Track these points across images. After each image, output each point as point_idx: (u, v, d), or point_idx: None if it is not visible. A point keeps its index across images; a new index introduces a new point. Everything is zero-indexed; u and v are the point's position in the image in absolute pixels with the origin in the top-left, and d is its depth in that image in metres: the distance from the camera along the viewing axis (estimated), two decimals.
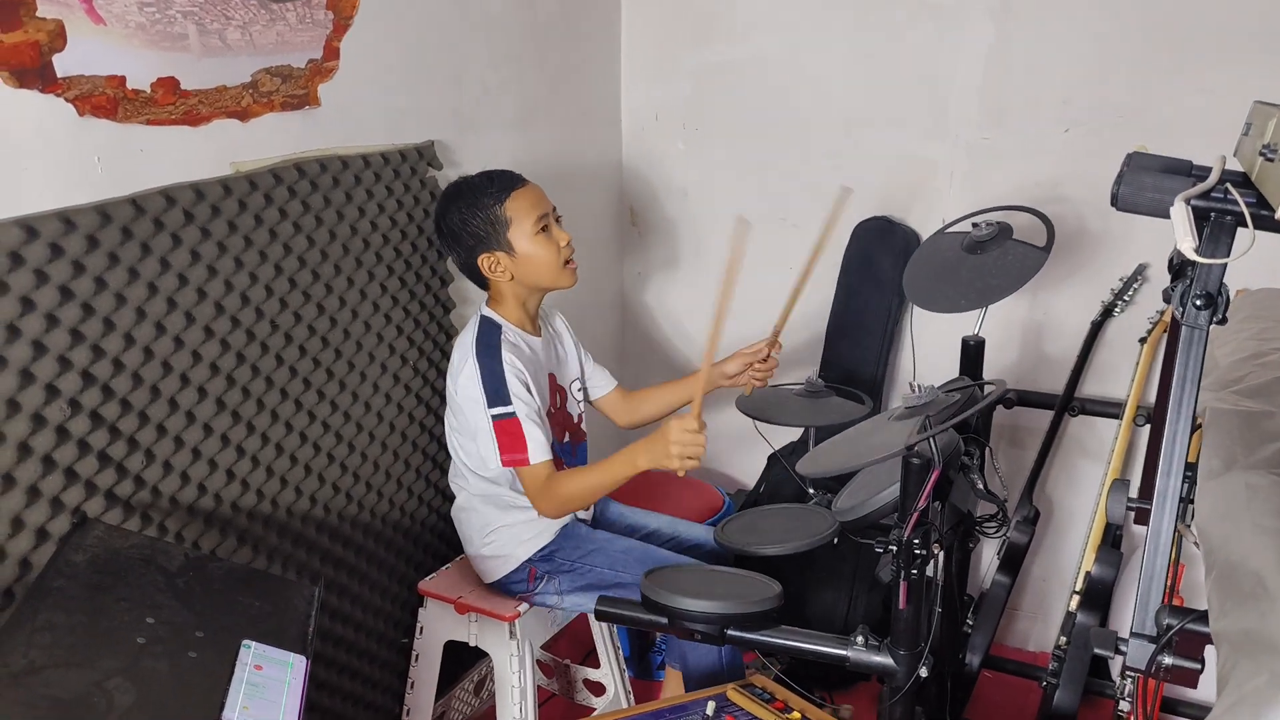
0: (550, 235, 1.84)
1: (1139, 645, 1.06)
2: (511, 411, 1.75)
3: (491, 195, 1.80)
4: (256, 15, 1.59)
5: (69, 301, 1.36)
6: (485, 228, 1.80)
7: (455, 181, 1.88)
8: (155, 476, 1.52)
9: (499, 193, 1.81)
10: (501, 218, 1.80)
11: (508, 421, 1.75)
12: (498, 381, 1.76)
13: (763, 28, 2.45)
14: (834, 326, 2.52)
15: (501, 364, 1.77)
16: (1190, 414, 1.04)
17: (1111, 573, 2.03)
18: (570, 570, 1.89)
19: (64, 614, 1.17)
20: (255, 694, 1.20)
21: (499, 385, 1.76)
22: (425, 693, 2.03)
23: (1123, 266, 2.22)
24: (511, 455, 1.76)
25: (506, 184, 1.82)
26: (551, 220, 1.86)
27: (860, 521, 1.67)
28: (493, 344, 1.79)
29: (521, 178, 1.85)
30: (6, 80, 1.26)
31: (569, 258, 1.87)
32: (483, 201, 1.80)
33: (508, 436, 1.75)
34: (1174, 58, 2.04)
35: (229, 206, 1.57)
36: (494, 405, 1.76)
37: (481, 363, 1.78)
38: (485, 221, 1.80)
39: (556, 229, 1.87)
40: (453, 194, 1.85)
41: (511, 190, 1.81)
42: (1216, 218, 1.01)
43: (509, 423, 1.75)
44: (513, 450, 1.76)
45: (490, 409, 1.76)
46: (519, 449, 1.75)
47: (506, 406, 1.75)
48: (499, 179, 1.83)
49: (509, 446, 1.76)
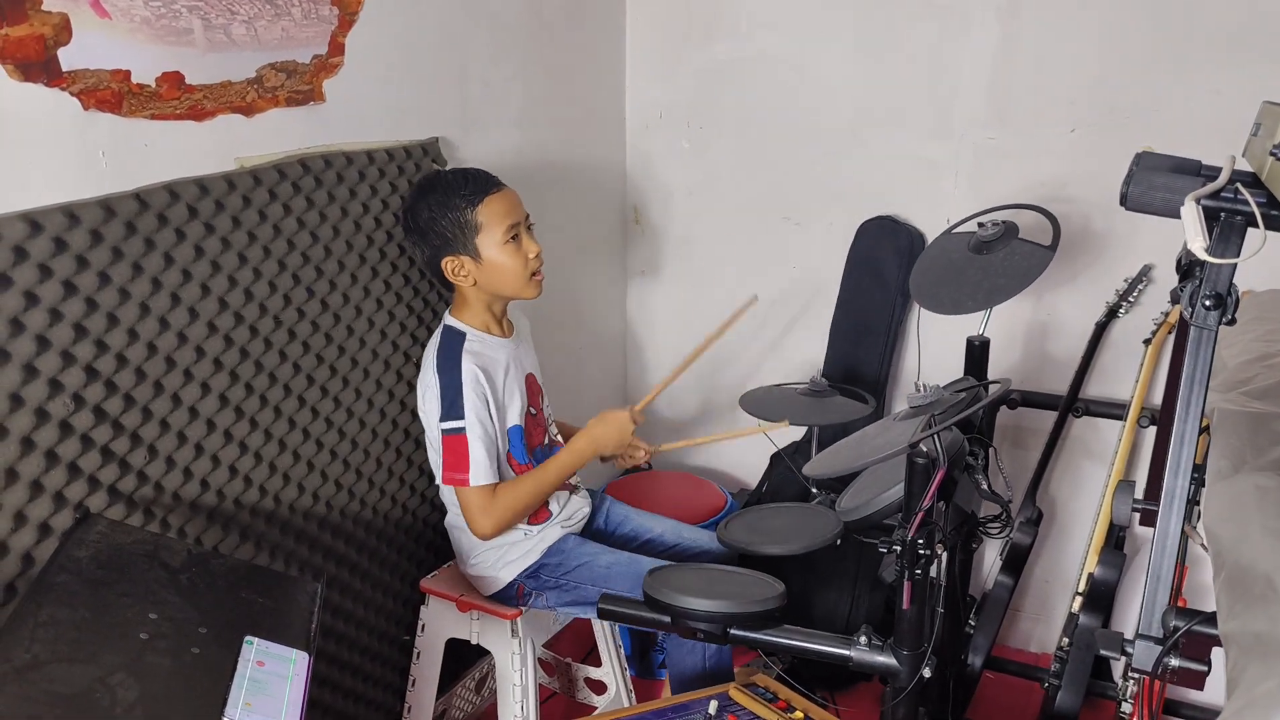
0: (519, 245, 1.78)
1: (1145, 647, 1.06)
2: (461, 428, 1.72)
3: (464, 197, 1.74)
4: (262, 10, 1.59)
5: (72, 296, 1.35)
6: (454, 230, 1.74)
7: (429, 175, 1.82)
8: (158, 472, 1.52)
9: (472, 195, 1.74)
10: (472, 222, 1.74)
11: (456, 438, 1.72)
12: (454, 394, 1.73)
13: (768, 26, 2.45)
14: (837, 326, 2.52)
15: (460, 376, 1.73)
16: (1199, 415, 1.04)
17: (1114, 574, 2.02)
18: (556, 587, 1.87)
19: (67, 609, 1.17)
20: (258, 690, 1.19)
21: (455, 398, 1.72)
22: (426, 690, 2.03)
23: (1127, 267, 2.21)
24: (452, 474, 1.74)
25: (481, 187, 1.76)
26: (523, 229, 1.80)
27: (864, 521, 1.67)
28: (453, 355, 1.75)
29: (497, 181, 1.79)
30: (11, 73, 1.26)
31: (536, 269, 1.81)
32: (454, 202, 1.74)
33: (453, 455, 1.73)
34: (1181, 58, 2.04)
35: (233, 202, 1.57)
36: (445, 419, 1.73)
37: (440, 376, 1.75)
38: (454, 224, 1.74)
39: (527, 238, 1.80)
40: (425, 188, 1.78)
41: (486, 194, 1.75)
42: (1227, 218, 1.00)
43: (457, 439, 1.72)
44: (455, 469, 1.73)
45: (441, 422, 1.73)
46: (461, 468, 1.73)
47: (458, 421, 1.72)
48: (474, 180, 1.76)
49: (452, 464, 1.73)
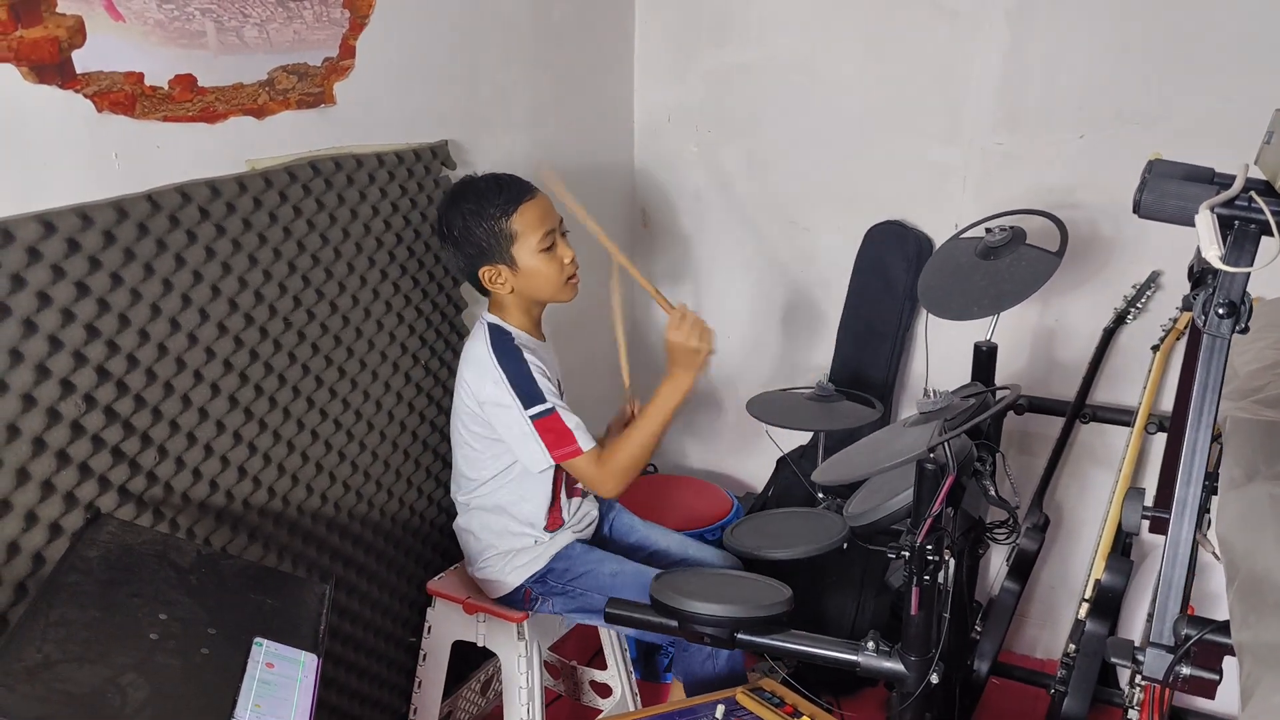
0: (555, 252, 1.78)
1: (1156, 655, 1.06)
2: (550, 408, 1.72)
3: (498, 206, 1.73)
4: (274, 13, 1.59)
5: (85, 297, 1.36)
6: (489, 239, 1.74)
7: (462, 182, 1.80)
8: (168, 473, 1.52)
9: (507, 204, 1.73)
10: (507, 231, 1.73)
11: (549, 419, 1.72)
12: (527, 382, 1.73)
13: (777, 30, 2.45)
14: (845, 330, 2.51)
15: (526, 364, 1.74)
16: (1211, 423, 1.04)
17: (1121, 581, 2.01)
18: (563, 593, 1.87)
19: (78, 609, 1.17)
20: (267, 692, 1.20)
21: (529, 385, 1.73)
22: (432, 692, 2.03)
23: (1136, 273, 2.21)
24: (562, 450, 1.73)
25: (516, 195, 1.75)
26: (558, 235, 1.80)
27: (871, 527, 1.67)
28: (510, 347, 1.76)
29: (530, 187, 1.78)
30: (26, 75, 1.26)
31: (572, 274, 1.82)
32: (489, 211, 1.73)
33: (553, 434, 1.73)
34: (1191, 65, 2.03)
35: (244, 204, 1.57)
36: (530, 405, 1.72)
37: (505, 366, 1.74)
38: (490, 233, 1.73)
39: (562, 244, 1.80)
40: (458, 196, 1.77)
41: (520, 202, 1.74)
42: (1240, 226, 1.00)
43: (550, 419, 1.72)
44: (561, 445, 1.73)
45: (527, 410, 1.72)
46: (568, 442, 1.73)
47: (544, 404, 1.72)
48: (508, 188, 1.75)
49: (557, 443, 1.73)
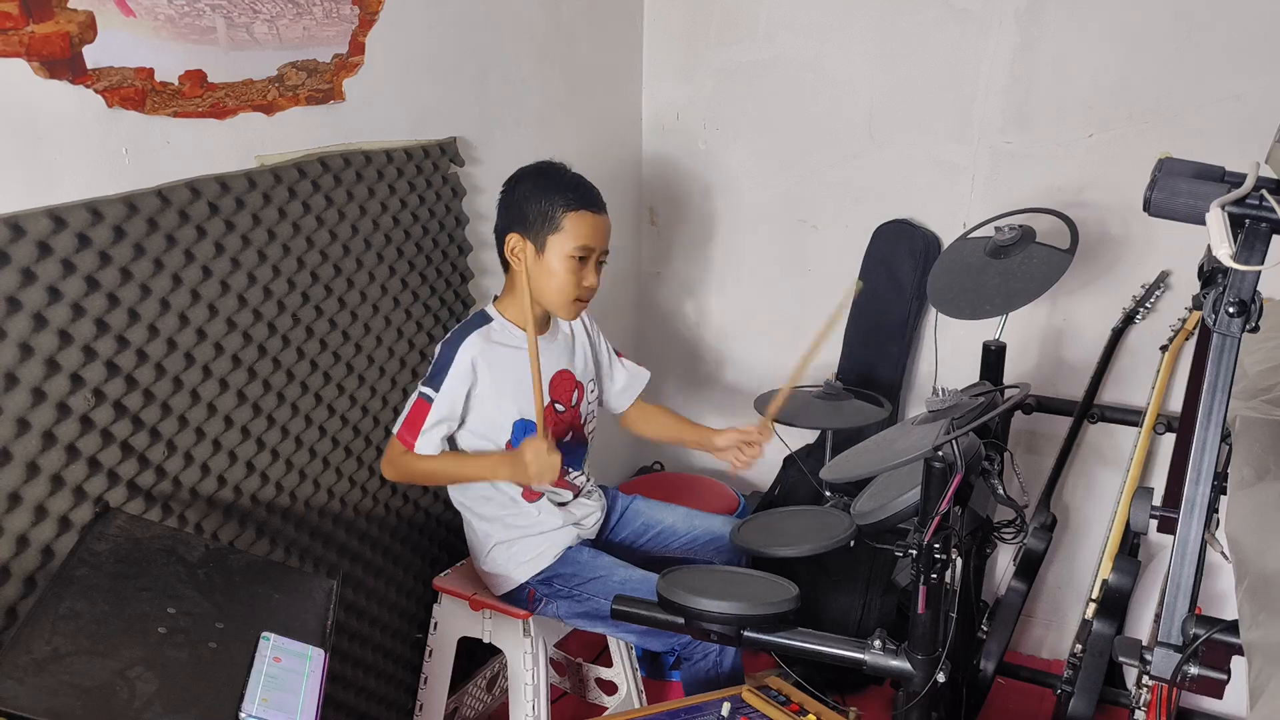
0: (580, 267, 1.79)
1: (1164, 654, 1.05)
2: (431, 397, 1.76)
3: (565, 197, 1.77)
4: (284, 9, 1.59)
5: (95, 292, 1.36)
6: (536, 215, 1.77)
7: (552, 163, 1.84)
8: (176, 467, 1.53)
9: (573, 201, 1.77)
10: (556, 220, 1.76)
11: (422, 404, 1.76)
12: (442, 369, 1.77)
13: (786, 28, 2.45)
14: (853, 329, 2.51)
15: (454, 357, 1.77)
16: (1220, 422, 1.03)
17: (1129, 581, 2.01)
18: (568, 597, 1.87)
19: (87, 602, 1.18)
20: (274, 685, 1.20)
21: (441, 373, 1.76)
22: (438, 688, 2.04)
23: (1145, 273, 2.20)
24: (405, 430, 1.77)
25: (584, 200, 1.78)
26: (593, 258, 1.81)
27: (878, 525, 1.67)
28: (462, 335, 1.79)
29: (602, 205, 1.82)
30: (38, 70, 1.27)
31: (582, 298, 1.83)
32: (554, 197, 1.76)
33: (414, 414, 1.76)
34: (1201, 64, 2.03)
35: (253, 199, 1.58)
36: (425, 384, 1.77)
37: (443, 347, 1.79)
38: (540, 212, 1.77)
39: (591, 268, 1.81)
40: (541, 171, 1.81)
41: (582, 208, 1.77)
42: (1251, 224, 1.00)
43: (422, 405, 1.76)
44: (408, 427, 1.76)
45: (422, 384, 1.78)
46: (413, 431, 1.76)
47: (431, 390, 1.76)
48: (585, 192, 1.79)
49: (408, 422, 1.77)
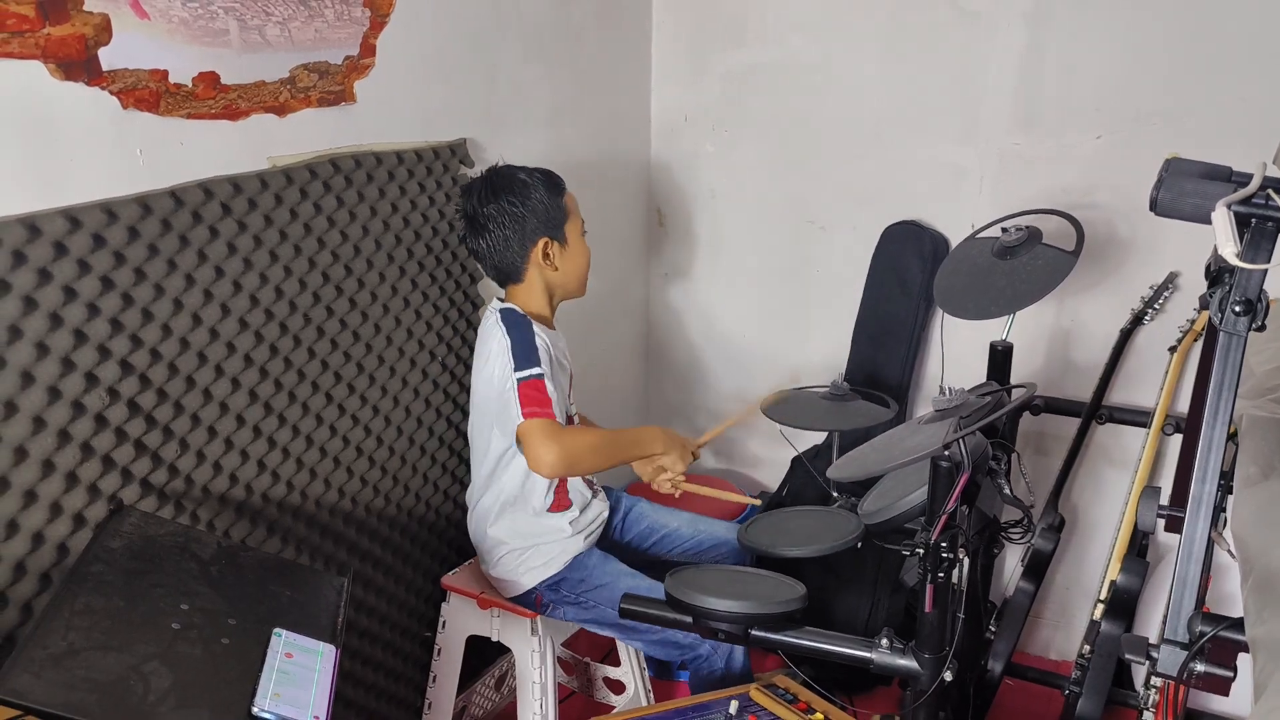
0: (584, 242, 1.91)
1: (1170, 651, 1.06)
2: (540, 373, 1.74)
3: (556, 187, 1.85)
4: (296, 12, 1.61)
5: (109, 291, 1.38)
6: (550, 210, 1.82)
7: (510, 166, 1.85)
8: (189, 465, 1.54)
9: (560, 187, 1.86)
10: (563, 209, 1.85)
11: (535, 381, 1.73)
12: (528, 348, 1.75)
13: (794, 31, 2.45)
14: (860, 329, 2.52)
15: (533, 334, 1.78)
16: (1227, 420, 1.04)
17: (1137, 582, 2.01)
18: (576, 603, 1.88)
19: (102, 598, 1.19)
20: (286, 681, 1.21)
21: (529, 350, 1.75)
22: (447, 686, 2.04)
23: (1153, 274, 2.20)
24: (531, 408, 1.72)
25: (559, 182, 1.87)
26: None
27: (885, 525, 1.67)
28: (520, 319, 1.80)
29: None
30: (54, 72, 1.28)
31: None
32: (550, 190, 1.83)
33: (533, 391, 1.73)
34: (1208, 65, 2.03)
35: (265, 200, 1.59)
36: (521, 369, 1.74)
37: (513, 335, 1.77)
38: (550, 205, 1.82)
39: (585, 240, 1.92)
40: (504, 173, 1.82)
41: (564, 189, 1.87)
42: (1258, 224, 1.00)
43: (535, 382, 1.73)
44: (536, 405, 1.72)
45: (516, 372, 1.74)
46: (543, 405, 1.72)
47: (535, 369, 1.74)
48: (551, 175, 1.86)
49: (532, 400, 1.72)
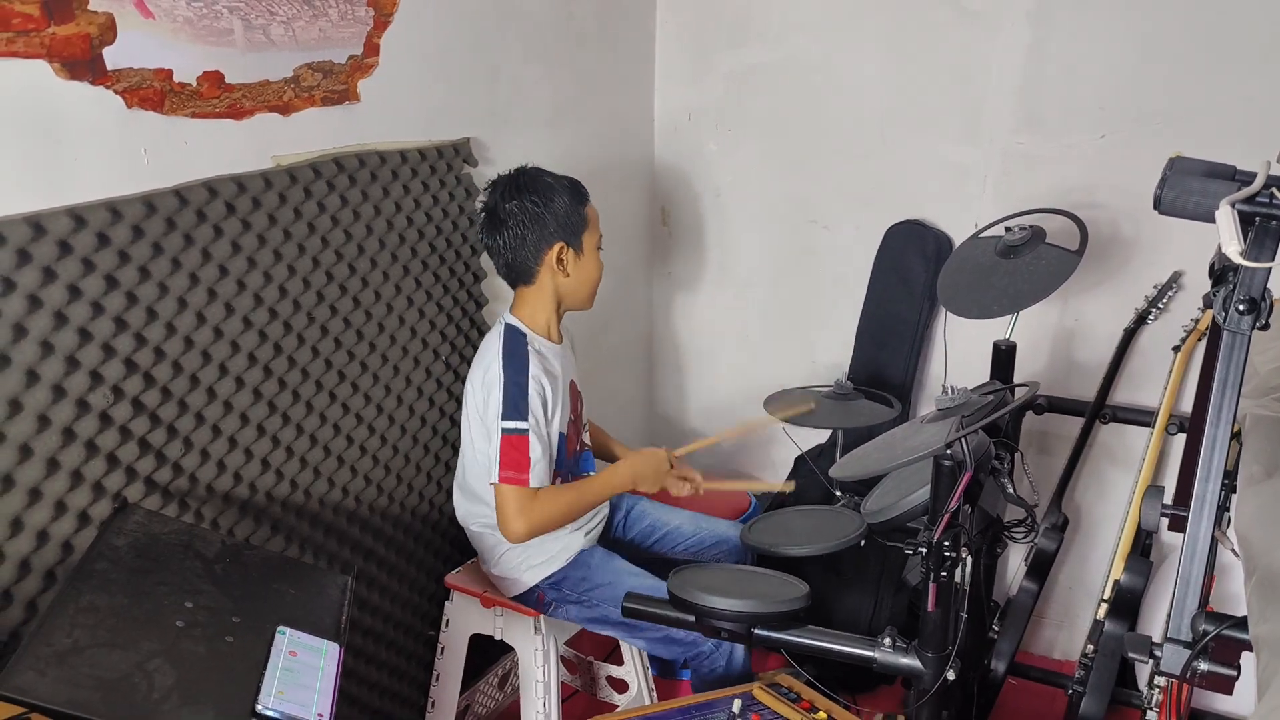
0: (599, 256, 1.92)
1: (1174, 650, 1.06)
2: (525, 429, 1.72)
3: (579, 196, 1.86)
4: (300, 11, 1.61)
5: (114, 290, 1.38)
6: (571, 217, 1.83)
7: (538, 169, 1.87)
8: (193, 464, 1.55)
9: (584, 197, 1.87)
10: (584, 218, 1.86)
11: (518, 438, 1.72)
12: (519, 395, 1.73)
13: (797, 30, 2.45)
14: (864, 329, 2.52)
15: (527, 378, 1.75)
16: (1230, 419, 1.04)
17: (1141, 581, 2.01)
18: (578, 601, 1.88)
19: (106, 596, 1.19)
20: (290, 679, 1.21)
21: (519, 399, 1.73)
22: (450, 685, 2.05)
23: (1157, 274, 2.20)
24: (511, 472, 1.71)
25: (584, 193, 1.88)
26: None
27: (888, 524, 1.67)
28: (521, 355, 1.78)
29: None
30: (59, 71, 1.29)
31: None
32: (574, 198, 1.84)
33: (513, 453, 1.72)
34: (1213, 64, 2.02)
35: (269, 199, 1.60)
36: (508, 419, 1.72)
37: (507, 374, 1.75)
38: (571, 211, 1.83)
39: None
40: (534, 175, 1.84)
41: (587, 200, 1.88)
42: (1262, 222, 1.00)
43: (519, 439, 1.72)
44: (514, 468, 1.72)
45: (504, 420, 1.72)
46: (522, 468, 1.72)
47: (521, 422, 1.72)
48: (578, 185, 1.88)
49: (511, 463, 1.71)
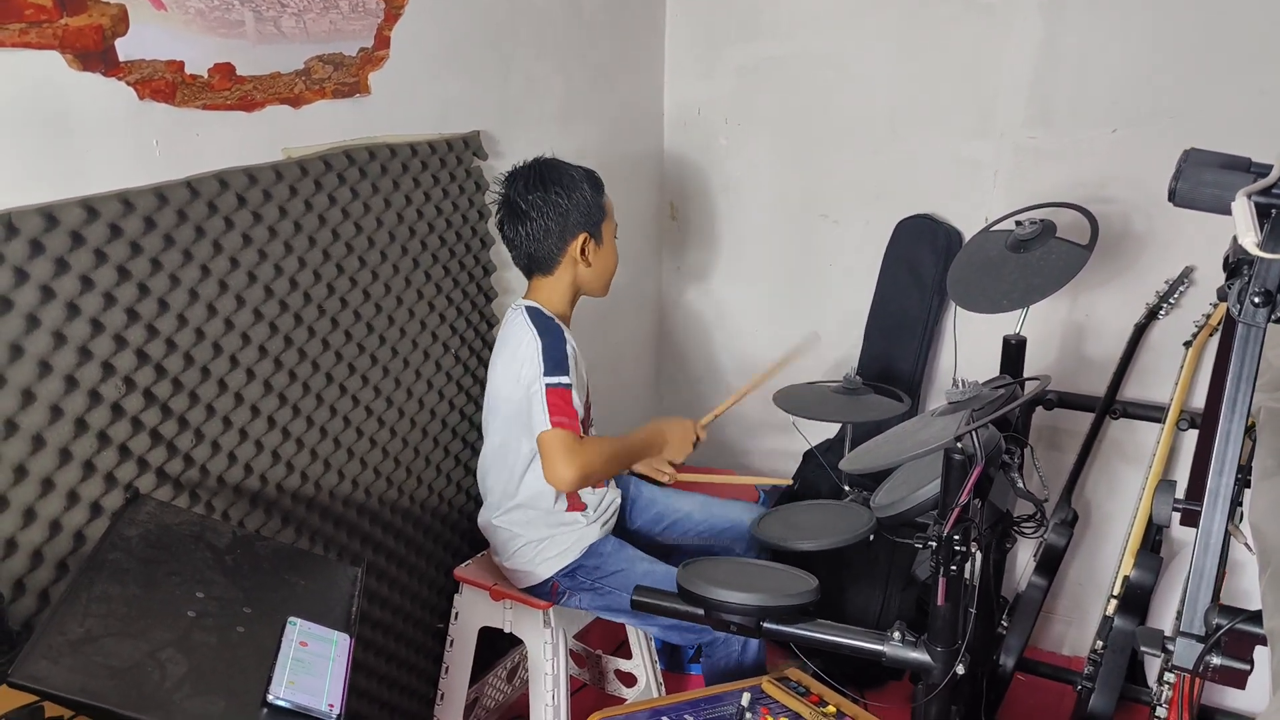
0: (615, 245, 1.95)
1: (1187, 644, 1.05)
2: (568, 383, 1.76)
3: (597, 186, 1.88)
4: (311, 3, 1.61)
5: (126, 281, 1.38)
6: (592, 206, 1.85)
7: (556, 159, 1.89)
8: (204, 455, 1.55)
9: (602, 186, 1.90)
10: (603, 208, 1.89)
11: (563, 390, 1.75)
12: (559, 354, 1.78)
13: (808, 24, 2.45)
14: (873, 324, 2.51)
15: (564, 340, 1.80)
16: (1245, 412, 1.03)
17: (1151, 577, 2.00)
18: (592, 589, 1.89)
19: (118, 586, 1.20)
20: (301, 670, 1.21)
21: (561, 359, 1.77)
22: (459, 677, 2.05)
23: (1168, 269, 2.19)
24: (560, 418, 1.74)
25: (601, 183, 1.91)
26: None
27: (898, 518, 1.67)
28: (552, 325, 1.83)
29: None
30: (71, 63, 1.29)
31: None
32: (594, 188, 1.87)
33: (561, 401, 1.74)
34: (1226, 58, 2.01)
35: (280, 191, 1.60)
36: (550, 374, 1.76)
37: (544, 339, 1.79)
38: (592, 201, 1.85)
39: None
40: (554, 164, 1.86)
41: (604, 190, 1.91)
42: (1278, 214, 1.00)
43: (564, 392, 1.75)
44: (562, 414, 1.74)
45: (546, 376, 1.75)
46: (570, 415, 1.74)
47: (565, 377, 1.76)
48: (595, 175, 1.90)
49: (559, 410, 1.74)
